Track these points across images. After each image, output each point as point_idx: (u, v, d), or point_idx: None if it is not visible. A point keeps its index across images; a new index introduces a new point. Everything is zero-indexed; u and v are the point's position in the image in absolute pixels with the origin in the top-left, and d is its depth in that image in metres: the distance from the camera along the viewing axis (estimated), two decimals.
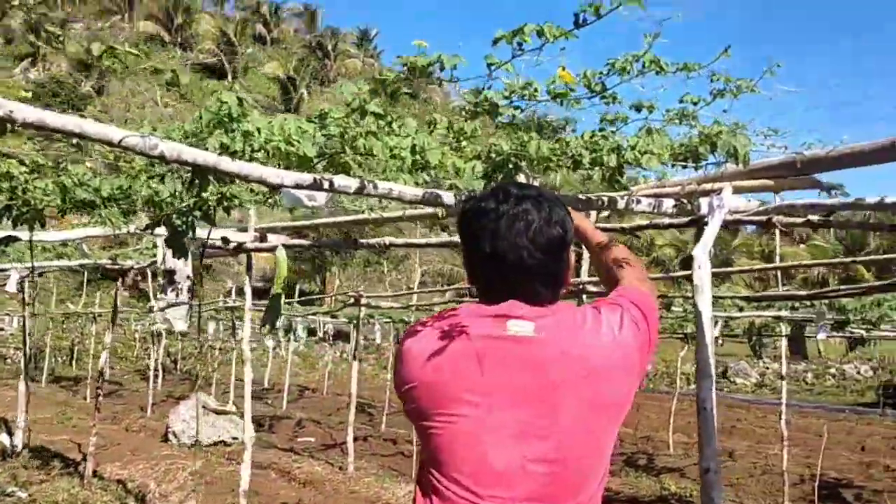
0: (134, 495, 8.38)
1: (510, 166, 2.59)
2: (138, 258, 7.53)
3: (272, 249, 5.12)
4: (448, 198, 2.73)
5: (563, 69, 2.11)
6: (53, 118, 1.86)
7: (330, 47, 69.69)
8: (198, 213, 3.13)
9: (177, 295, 4.54)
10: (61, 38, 56.49)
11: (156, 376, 17.03)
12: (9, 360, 26.51)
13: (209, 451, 11.23)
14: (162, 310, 4.80)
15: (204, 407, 11.94)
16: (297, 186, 2.38)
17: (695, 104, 2.80)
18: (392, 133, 2.43)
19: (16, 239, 4.37)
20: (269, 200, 3.69)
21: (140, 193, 3.44)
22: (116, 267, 8.17)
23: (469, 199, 1.81)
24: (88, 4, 68.97)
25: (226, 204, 3.29)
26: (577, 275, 8.88)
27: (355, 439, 10.82)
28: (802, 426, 15.41)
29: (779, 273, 12.73)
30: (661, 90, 2.60)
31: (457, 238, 2.03)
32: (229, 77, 60.56)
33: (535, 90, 2.32)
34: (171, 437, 11.87)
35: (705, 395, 3.33)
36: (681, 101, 2.82)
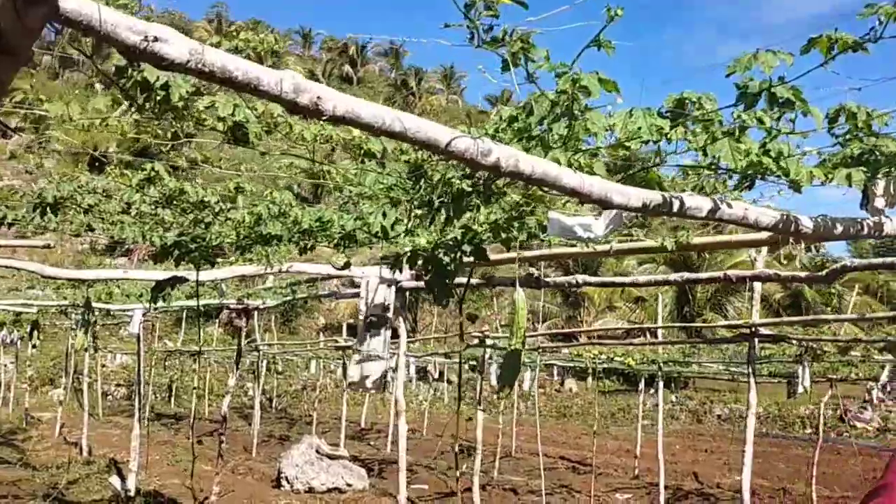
0: None
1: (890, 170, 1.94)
2: (271, 297, 7.13)
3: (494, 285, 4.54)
4: (807, 223, 2.09)
5: None
6: (368, 110, 1.32)
7: (414, 85, 70.38)
8: (467, 248, 2.51)
9: (392, 336, 3.98)
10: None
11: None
12: (110, 398, 26.89)
13: (324, 500, 10.73)
14: (361, 361, 4.21)
15: (317, 451, 11.47)
16: (643, 207, 1.79)
17: None
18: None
19: (183, 280, 3.91)
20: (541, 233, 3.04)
21: (339, 226, 2.90)
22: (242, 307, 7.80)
23: None
24: None
25: (504, 236, 2.64)
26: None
27: None
28: None
29: None
30: None
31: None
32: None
33: None
34: (283, 482, 11.41)
35: None
36: None
